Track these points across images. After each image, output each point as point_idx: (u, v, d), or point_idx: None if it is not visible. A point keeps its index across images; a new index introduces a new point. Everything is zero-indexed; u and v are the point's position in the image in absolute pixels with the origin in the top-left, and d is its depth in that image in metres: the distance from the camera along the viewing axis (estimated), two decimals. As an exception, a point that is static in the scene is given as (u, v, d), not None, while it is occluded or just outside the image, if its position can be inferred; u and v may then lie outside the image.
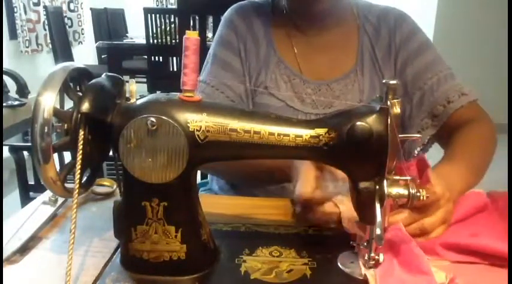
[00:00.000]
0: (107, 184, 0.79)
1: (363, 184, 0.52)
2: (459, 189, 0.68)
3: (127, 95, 0.54)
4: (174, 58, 3.43)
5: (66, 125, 0.50)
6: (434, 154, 0.84)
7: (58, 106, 0.52)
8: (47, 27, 3.85)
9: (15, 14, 3.90)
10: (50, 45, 3.91)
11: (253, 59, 0.93)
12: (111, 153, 0.54)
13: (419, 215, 0.60)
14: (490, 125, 0.87)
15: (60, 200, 0.72)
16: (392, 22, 0.93)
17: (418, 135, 0.59)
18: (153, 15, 3.52)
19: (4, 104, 2.41)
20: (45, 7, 3.84)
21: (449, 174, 0.68)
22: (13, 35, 3.93)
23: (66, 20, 4.48)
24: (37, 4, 4.17)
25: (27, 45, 4.01)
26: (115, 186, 0.78)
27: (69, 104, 0.53)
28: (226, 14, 0.98)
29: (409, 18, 0.95)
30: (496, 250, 0.57)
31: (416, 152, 0.90)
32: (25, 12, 3.99)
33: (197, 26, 1.42)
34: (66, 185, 0.52)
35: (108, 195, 0.78)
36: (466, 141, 0.80)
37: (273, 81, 0.91)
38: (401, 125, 0.89)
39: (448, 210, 0.62)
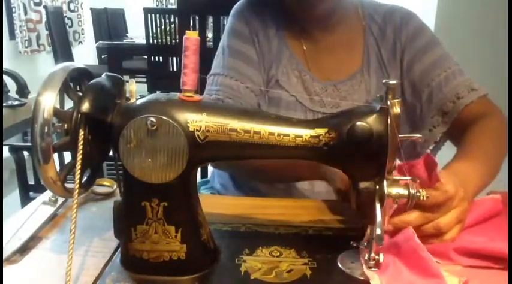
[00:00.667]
0: (107, 184, 0.79)
1: (363, 184, 0.52)
2: (474, 186, 0.66)
3: (127, 95, 0.54)
4: (174, 58, 3.43)
5: (66, 125, 0.50)
6: (446, 152, 0.84)
7: (58, 106, 0.52)
8: (49, 27, 3.86)
9: (13, 15, 3.90)
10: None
11: (266, 51, 0.92)
12: (111, 153, 0.54)
13: (432, 215, 0.59)
14: (501, 119, 0.85)
15: (60, 200, 0.72)
16: (398, 21, 0.92)
17: (419, 135, 0.58)
18: (153, 15, 3.51)
19: (4, 104, 2.41)
20: (45, 7, 3.84)
21: (466, 170, 0.67)
22: (12, 36, 3.93)
23: (66, 20, 4.48)
24: (38, 4, 4.17)
25: (26, 45, 4.01)
26: (115, 186, 0.78)
27: (69, 104, 0.53)
28: (236, 6, 0.97)
29: (415, 16, 0.94)
30: (507, 254, 0.56)
31: (428, 151, 0.89)
32: (25, 13, 3.99)
33: (197, 26, 1.42)
34: (66, 185, 0.52)
35: (108, 195, 0.78)
36: (480, 136, 0.79)
37: (285, 75, 0.90)
38: (413, 125, 0.89)
39: (463, 209, 0.60)
